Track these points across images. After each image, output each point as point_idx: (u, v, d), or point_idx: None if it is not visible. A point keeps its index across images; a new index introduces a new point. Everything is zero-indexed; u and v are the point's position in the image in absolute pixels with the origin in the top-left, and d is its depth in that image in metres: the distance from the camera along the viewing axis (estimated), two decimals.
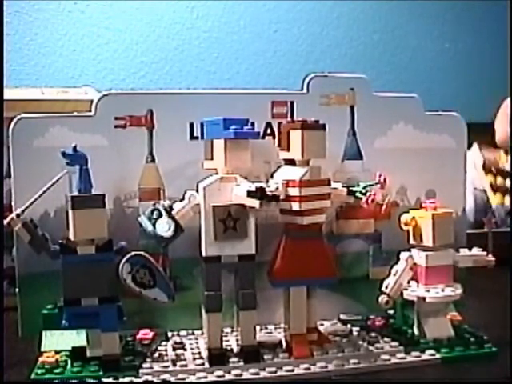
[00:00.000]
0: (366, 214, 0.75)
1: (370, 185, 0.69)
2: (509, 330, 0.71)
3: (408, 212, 0.70)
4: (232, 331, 0.70)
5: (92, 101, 0.71)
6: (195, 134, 0.71)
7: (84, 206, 0.60)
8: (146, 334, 0.68)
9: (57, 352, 0.65)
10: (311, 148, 0.64)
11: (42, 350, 0.66)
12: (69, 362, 0.63)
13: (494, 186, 0.66)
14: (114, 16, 1.13)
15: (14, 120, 0.68)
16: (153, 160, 0.71)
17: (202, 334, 0.67)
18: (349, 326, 0.73)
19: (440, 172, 0.80)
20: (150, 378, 0.61)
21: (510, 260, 0.69)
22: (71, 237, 0.60)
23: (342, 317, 0.76)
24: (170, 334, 0.71)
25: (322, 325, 0.72)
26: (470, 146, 0.82)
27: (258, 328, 0.66)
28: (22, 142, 0.68)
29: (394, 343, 0.68)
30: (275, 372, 0.62)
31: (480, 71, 1.31)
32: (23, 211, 0.62)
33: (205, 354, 0.64)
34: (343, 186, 0.69)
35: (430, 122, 0.79)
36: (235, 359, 0.63)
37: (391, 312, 0.73)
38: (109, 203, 0.66)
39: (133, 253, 0.62)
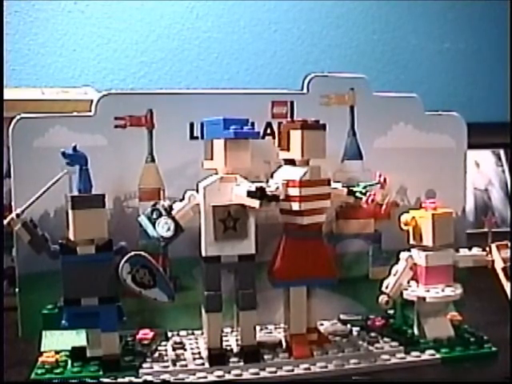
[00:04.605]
0: (366, 214, 0.75)
1: (370, 185, 0.69)
2: (509, 329, 0.71)
3: (408, 212, 0.70)
4: (232, 331, 0.70)
5: (92, 101, 0.71)
6: (195, 134, 0.71)
7: (84, 206, 0.60)
8: (145, 333, 0.68)
9: (57, 352, 0.65)
10: (311, 148, 0.64)
11: (42, 349, 0.66)
12: (69, 361, 0.63)
13: None
14: (114, 16, 1.13)
15: (14, 120, 0.68)
16: (153, 160, 0.71)
17: (202, 333, 0.67)
18: (349, 325, 0.73)
19: (440, 172, 0.80)
20: (149, 378, 0.61)
21: (510, 259, 0.69)
22: (71, 237, 0.60)
23: (342, 317, 0.76)
24: (170, 334, 0.71)
25: (321, 325, 0.72)
26: (470, 146, 0.82)
27: (258, 328, 0.66)
28: (22, 142, 0.68)
29: (394, 343, 0.68)
30: (275, 372, 0.62)
31: (480, 71, 1.31)
32: (23, 211, 0.62)
33: (205, 354, 0.64)
34: (343, 186, 0.69)
35: (430, 122, 0.79)
36: (235, 359, 0.63)
37: (391, 312, 0.73)
38: (109, 203, 0.66)
39: (133, 253, 0.62)
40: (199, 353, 0.65)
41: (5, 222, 0.62)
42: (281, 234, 0.66)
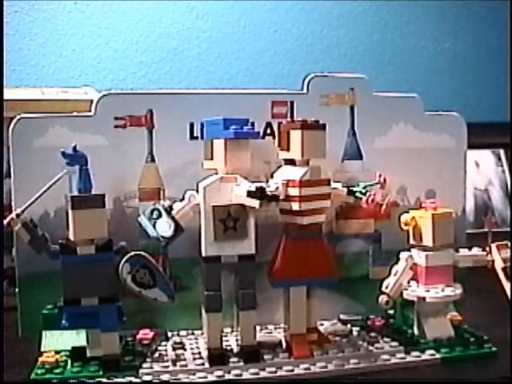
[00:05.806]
0: (366, 214, 0.75)
1: (370, 185, 0.69)
2: (509, 329, 0.71)
3: (408, 212, 0.70)
4: (232, 331, 0.70)
5: (92, 101, 0.71)
6: (195, 134, 0.71)
7: (84, 206, 0.60)
8: (145, 333, 0.68)
9: (57, 352, 0.65)
10: (311, 148, 0.64)
11: (42, 349, 0.66)
12: (69, 362, 0.63)
13: None
14: (114, 16, 1.13)
15: (14, 120, 0.68)
16: (153, 160, 0.71)
17: (202, 333, 0.67)
18: (349, 325, 0.73)
19: (440, 172, 0.80)
20: (149, 378, 0.61)
21: (510, 259, 0.69)
22: (71, 237, 0.60)
23: (342, 317, 0.76)
24: (170, 334, 0.71)
25: (321, 325, 0.72)
26: (470, 146, 0.82)
27: (258, 328, 0.66)
28: (22, 142, 0.68)
29: (394, 343, 0.68)
30: (275, 372, 0.62)
31: (480, 71, 1.31)
32: (23, 211, 0.62)
33: (205, 354, 0.64)
34: (343, 186, 0.69)
35: (430, 122, 0.79)
36: (235, 359, 0.63)
37: (391, 312, 0.73)
38: (109, 203, 0.66)
39: (133, 253, 0.62)
40: (199, 353, 0.65)
41: (5, 222, 0.62)
42: (281, 234, 0.66)
